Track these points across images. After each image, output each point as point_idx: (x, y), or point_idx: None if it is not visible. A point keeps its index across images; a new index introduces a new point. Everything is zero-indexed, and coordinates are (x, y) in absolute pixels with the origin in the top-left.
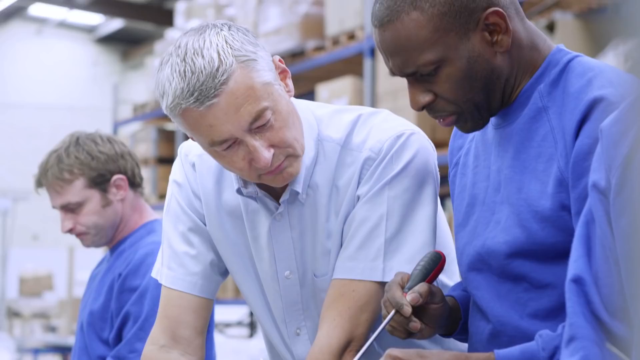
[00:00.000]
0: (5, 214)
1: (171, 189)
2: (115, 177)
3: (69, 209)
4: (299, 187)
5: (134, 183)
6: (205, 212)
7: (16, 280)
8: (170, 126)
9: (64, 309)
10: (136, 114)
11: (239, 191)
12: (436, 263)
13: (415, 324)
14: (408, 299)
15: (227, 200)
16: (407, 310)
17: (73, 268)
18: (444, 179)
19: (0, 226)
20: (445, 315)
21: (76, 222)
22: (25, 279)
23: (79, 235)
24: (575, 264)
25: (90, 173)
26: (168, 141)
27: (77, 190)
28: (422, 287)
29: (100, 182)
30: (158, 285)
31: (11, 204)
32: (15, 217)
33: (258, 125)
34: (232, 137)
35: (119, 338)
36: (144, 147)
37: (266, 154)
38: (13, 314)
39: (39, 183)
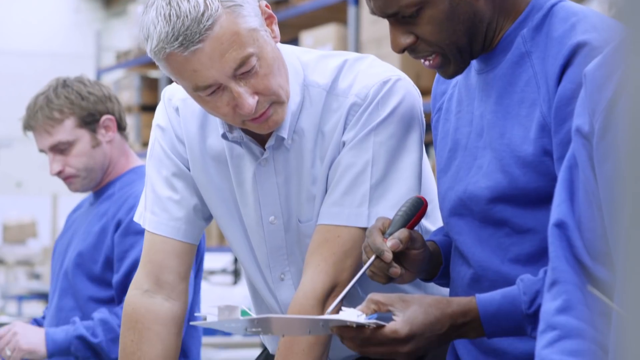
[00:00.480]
0: None
1: (154, 134)
2: (105, 117)
3: (59, 150)
4: (284, 133)
5: (121, 126)
6: (189, 156)
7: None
8: (153, 74)
9: (47, 257)
10: (119, 61)
11: (224, 136)
12: (417, 209)
13: (396, 269)
14: (388, 244)
15: (212, 145)
16: (388, 256)
17: (57, 215)
18: (428, 126)
19: None
20: (426, 261)
21: (65, 164)
22: (8, 227)
23: (67, 178)
24: (558, 209)
25: (81, 112)
26: (151, 89)
27: (68, 129)
28: (403, 233)
29: (90, 121)
30: None
31: None
32: None
33: (243, 71)
34: (216, 82)
35: (126, 282)
36: (127, 95)
37: (250, 101)
38: None
39: (28, 125)
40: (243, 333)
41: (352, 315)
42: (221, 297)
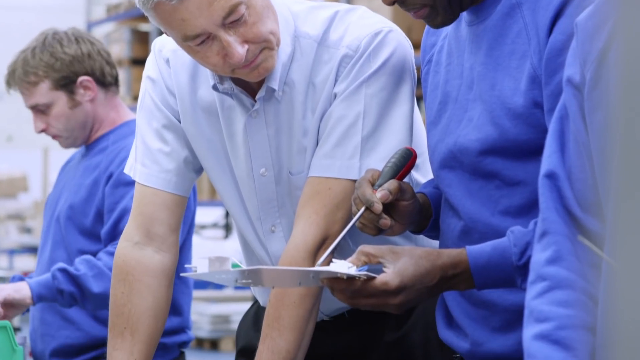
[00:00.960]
0: None
1: (144, 85)
2: (81, 78)
3: (39, 110)
4: (275, 84)
5: (104, 82)
6: (180, 108)
7: None
8: (144, 27)
9: (38, 211)
10: (110, 15)
11: (214, 87)
12: (407, 160)
13: (386, 220)
14: (378, 196)
15: (203, 97)
16: (378, 207)
17: (48, 169)
18: (419, 80)
19: None
20: (415, 212)
21: (47, 123)
22: None
23: (53, 137)
24: (548, 159)
25: (54, 75)
26: (142, 42)
27: (44, 92)
28: (392, 184)
29: (65, 84)
30: None
31: None
32: None
33: (232, 20)
34: (205, 32)
35: (114, 233)
36: (118, 48)
37: (240, 50)
38: None
39: (8, 83)
40: (233, 285)
41: (343, 267)
42: (212, 251)
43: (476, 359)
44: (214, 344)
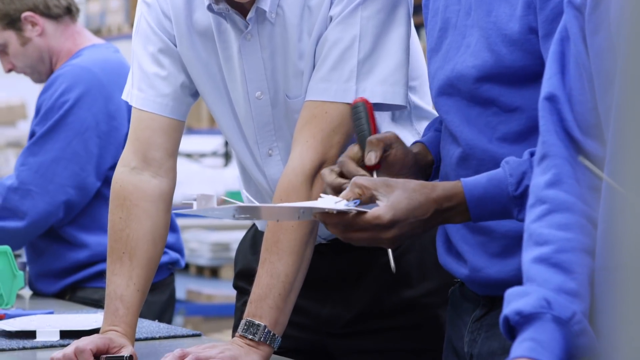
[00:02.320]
0: None
1: (140, 10)
2: (25, 14)
3: (1, 51)
4: (265, 5)
5: (51, 14)
6: (176, 32)
7: None
8: None
9: None
10: None
11: (209, 8)
12: (366, 112)
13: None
14: (367, 162)
15: (198, 20)
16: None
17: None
18: (418, 7)
19: None
20: (410, 159)
21: (11, 62)
22: None
23: (24, 74)
24: (549, 82)
25: None
26: None
27: None
28: (372, 143)
29: (10, 22)
30: (61, 105)
31: None
32: None
33: None
34: None
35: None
36: None
37: None
38: None
39: None
40: (232, 218)
41: (330, 202)
42: (212, 179)
43: (475, 284)
44: (214, 272)
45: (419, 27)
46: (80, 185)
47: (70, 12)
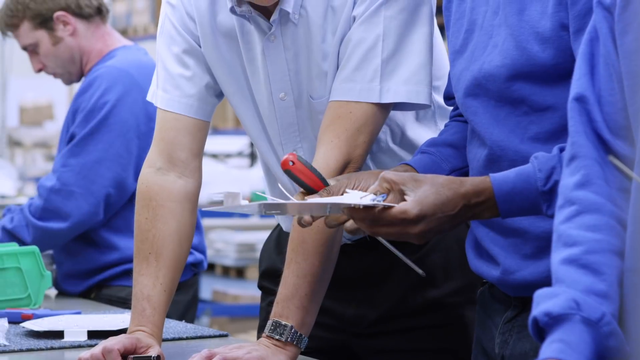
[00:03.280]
0: (4, 42)
1: (164, 11)
2: (57, 13)
3: (31, 51)
4: (288, 7)
5: (82, 14)
6: (200, 33)
7: (16, 110)
8: None
9: None
10: None
11: (232, 10)
12: (301, 172)
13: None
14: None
15: (222, 22)
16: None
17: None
18: (441, 8)
19: None
20: None
21: (42, 62)
22: (25, 109)
23: (53, 75)
24: (578, 82)
25: (31, 15)
26: None
27: (26, 33)
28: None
29: (42, 21)
30: (102, 107)
31: None
32: (14, 46)
33: None
34: None
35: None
36: None
37: None
38: (14, 143)
39: (2, 30)
40: (259, 214)
41: (356, 197)
42: (238, 180)
43: (508, 286)
44: (239, 272)
45: (442, 28)
46: (120, 186)
47: (100, 12)
